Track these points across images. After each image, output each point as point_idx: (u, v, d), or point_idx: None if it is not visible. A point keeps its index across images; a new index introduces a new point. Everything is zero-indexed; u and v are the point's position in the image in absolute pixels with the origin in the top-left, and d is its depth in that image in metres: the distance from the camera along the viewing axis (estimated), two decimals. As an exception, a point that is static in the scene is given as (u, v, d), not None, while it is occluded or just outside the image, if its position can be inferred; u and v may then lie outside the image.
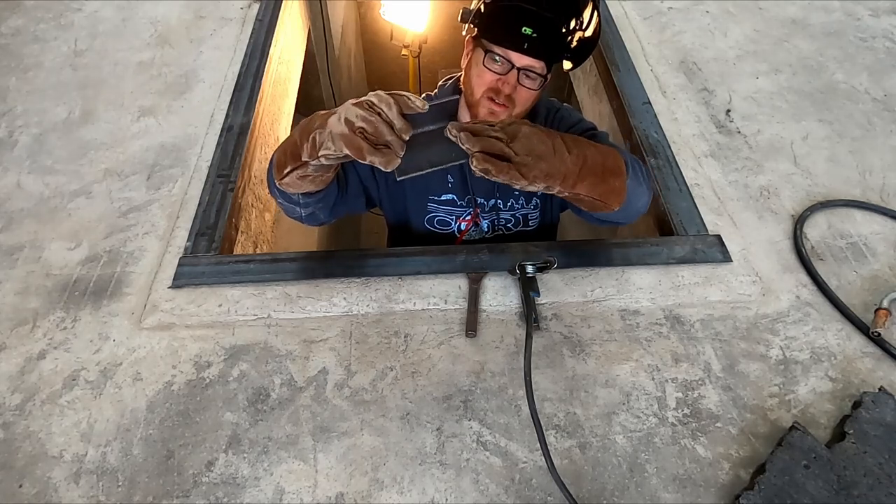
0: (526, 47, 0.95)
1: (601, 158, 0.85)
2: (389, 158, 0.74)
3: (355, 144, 0.74)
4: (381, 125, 0.74)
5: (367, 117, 0.74)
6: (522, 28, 0.94)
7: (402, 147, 0.75)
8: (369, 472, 0.87)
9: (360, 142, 0.74)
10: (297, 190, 0.91)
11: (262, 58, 1.61)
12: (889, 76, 1.57)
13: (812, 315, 1.06)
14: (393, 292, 1.08)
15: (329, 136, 0.76)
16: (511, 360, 0.99)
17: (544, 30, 0.94)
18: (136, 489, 0.85)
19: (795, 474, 0.81)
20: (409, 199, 1.21)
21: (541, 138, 0.78)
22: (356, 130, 0.74)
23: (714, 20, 1.77)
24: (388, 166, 0.75)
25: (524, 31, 0.94)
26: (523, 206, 1.23)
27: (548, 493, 0.84)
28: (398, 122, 0.74)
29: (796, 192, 1.28)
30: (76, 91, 1.53)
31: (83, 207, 1.25)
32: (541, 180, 0.78)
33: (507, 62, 0.97)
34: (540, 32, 0.94)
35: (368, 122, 0.73)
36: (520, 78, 0.98)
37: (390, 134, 0.74)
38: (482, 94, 1.02)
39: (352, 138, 0.74)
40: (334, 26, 2.92)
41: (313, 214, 1.05)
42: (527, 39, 0.94)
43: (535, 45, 0.95)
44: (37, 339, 1.03)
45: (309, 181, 0.88)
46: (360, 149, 0.73)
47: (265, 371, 0.98)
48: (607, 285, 1.09)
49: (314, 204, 1.00)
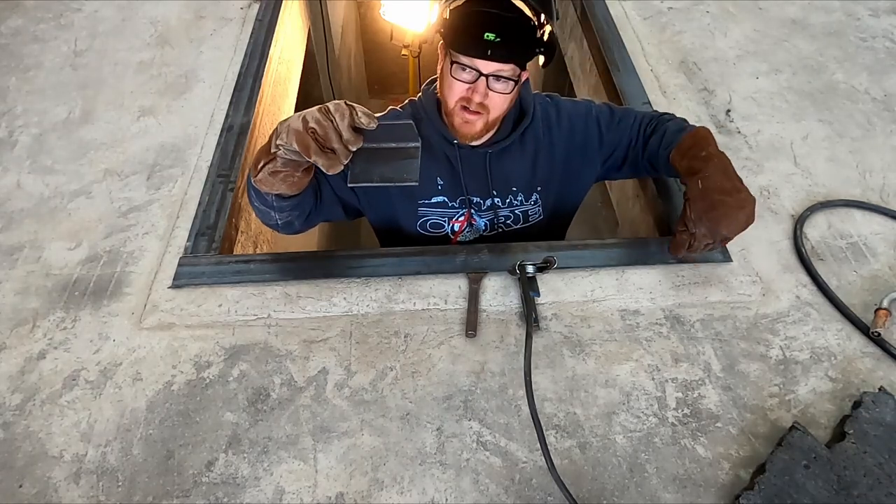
0: (490, 53, 0.94)
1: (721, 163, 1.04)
2: (332, 163, 0.81)
3: (304, 142, 0.80)
4: (331, 131, 0.80)
5: (320, 121, 0.80)
6: (485, 34, 0.92)
7: (347, 156, 0.82)
8: (369, 472, 0.87)
9: (310, 141, 0.80)
10: (270, 189, 0.92)
11: (262, 58, 1.61)
12: (889, 76, 1.57)
13: (812, 315, 1.06)
14: (393, 292, 1.08)
15: (286, 129, 0.81)
16: (511, 360, 0.99)
17: (509, 32, 0.93)
18: (136, 489, 0.85)
19: (795, 474, 0.81)
20: (398, 205, 1.18)
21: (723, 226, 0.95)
22: (308, 130, 0.80)
23: (714, 20, 1.77)
24: (329, 169, 0.81)
25: (487, 38, 0.92)
26: (522, 203, 1.20)
27: (548, 493, 0.84)
28: (346, 133, 0.80)
29: (796, 192, 1.28)
30: (76, 91, 1.53)
31: (83, 207, 1.25)
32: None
33: (475, 70, 0.96)
34: (504, 36, 0.93)
35: (320, 126, 0.79)
36: (490, 84, 0.97)
37: (337, 142, 0.80)
38: (455, 103, 1.02)
39: (303, 136, 0.80)
40: (334, 26, 2.92)
41: (289, 223, 1.06)
42: (490, 45, 0.93)
43: (500, 50, 0.94)
44: (37, 339, 1.03)
45: (280, 180, 0.90)
46: (308, 147, 0.80)
47: (265, 371, 0.98)
48: (607, 285, 1.09)
49: (289, 210, 1.01)
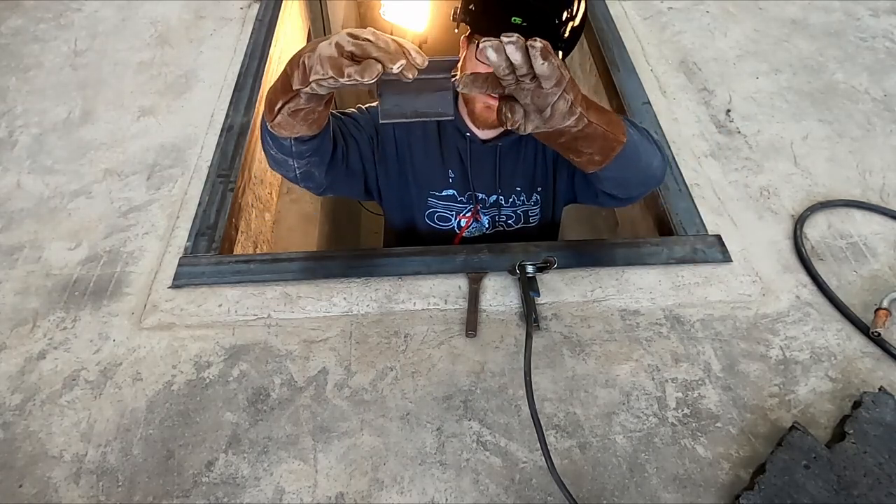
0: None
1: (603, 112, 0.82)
2: (368, 67, 0.67)
3: (338, 65, 0.68)
4: (370, 46, 0.68)
5: (359, 43, 0.68)
6: (512, 18, 0.94)
7: (392, 61, 0.68)
8: (369, 472, 0.87)
9: (343, 61, 0.68)
10: (290, 132, 0.85)
11: (262, 58, 1.61)
12: (889, 76, 1.57)
13: (812, 315, 1.06)
14: (393, 292, 1.08)
15: (318, 59, 0.71)
16: (511, 360, 0.99)
17: (535, 19, 0.94)
18: (136, 489, 0.85)
19: (795, 474, 0.81)
20: (412, 192, 1.20)
21: (552, 94, 0.72)
22: (345, 55, 0.69)
23: (714, 20, 1.77)
24: (364, 75, 0.68)
25: (514, 21, 0.94)
26: (524, 203, 1.23)
27: (548, 493, 0.84)
28: (392, 45, 0.68)
29: (796, 192, 1.28)
30: (76, 91, 1.53)
31: (83, 207, 1.25)
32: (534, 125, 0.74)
33: None
34: (530, 22, 0.94)
35: (358, 46, 0.68)
36: None
37: (377, 51, 0.68)
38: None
39: (337, 61, 0.68)
40: (334, 26, 2.92)
41: (309, 173, 1.00)
42: (517, 29, 0.94)
43: (526, 35, 0.94)
44: (37, 339, 1.03)
45: (301, 119, 0.82)
46: (341, 67, 0.68)
47: (265, 371, 0.98)
48: (607, 285, 1.09)
49: (309, 156, 0.94)
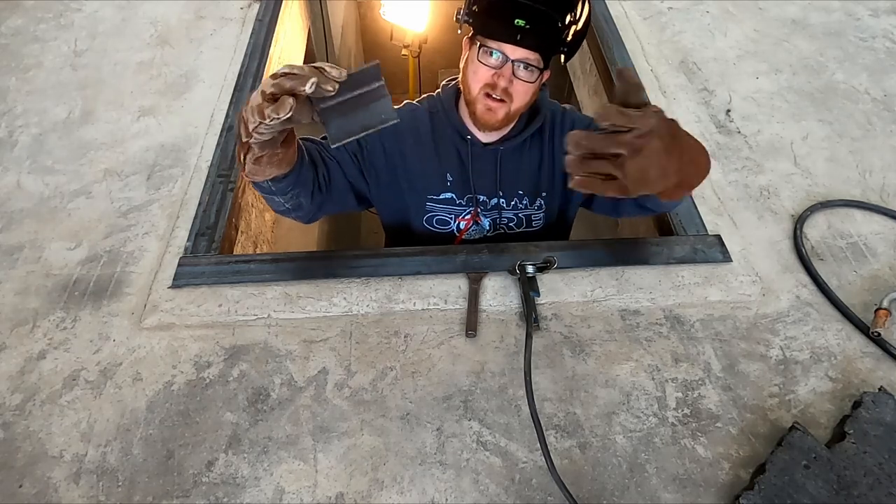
0: (519, 39, 0.95)
1: (699, 157, 0.74)
2: (280, 104, 0.68)
3: (261, 109, 0.69)
4: (284, 80, 0.69)
5: (275, 82, 0.69)
6: (515, 20, 0.94)
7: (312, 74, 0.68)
8: (369, 472, 0.87)
9: (264, 105, 0.69)
10: (264, 176, 0.87)
11: (262, 58, 1.61)
12: (889, 76, 1.57)
13: (812, 315, 1.06)
14: (393, 292, 1.08)
15: (250, 109, 0.72)
16: (511, 360, 0.99)
17: (538, 22, 0.95)
18: (136, 489, 0.85)
19: (795, 474, 0.81)
20: (408, 198, 1.19)
21: (659, 160, 0.63)
22: (267, 98, 0.70)
23: (714, 20, 1.77)
24: (279, 111, 0.68)
25: (517, 24, 0.94)
26: (527, 207, 1.21)
27: (548, 493, 0.84)
28: (305, 70, 0.68)
29: (796, 192, 1.28)
30: (76, 91, 1.53)
31: (83, 207, 1.25)
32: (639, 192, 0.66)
33: (502, 55, 0.98)
34: (533, 24, 0.94)
35: (276, 85, 0.69)
36: (515, 70, 0.99)
37: (290, 82, 0.68)
38: (479, 90, 1.02)
39: (261, 105, 0.70)
40: (334, 26, 2.92)
41: (298, 205, 1.01)
42: (520, 31, 0.95)
43: (529, 37, 0.95)
44: (37, 339, 1.03)
45: (265, 164, 0.84)
46: (262, 110, 0.69)
47: (265, 371, 0.98)
48: (607, 285, 1.09)
49: (291, 190, 0.95)
